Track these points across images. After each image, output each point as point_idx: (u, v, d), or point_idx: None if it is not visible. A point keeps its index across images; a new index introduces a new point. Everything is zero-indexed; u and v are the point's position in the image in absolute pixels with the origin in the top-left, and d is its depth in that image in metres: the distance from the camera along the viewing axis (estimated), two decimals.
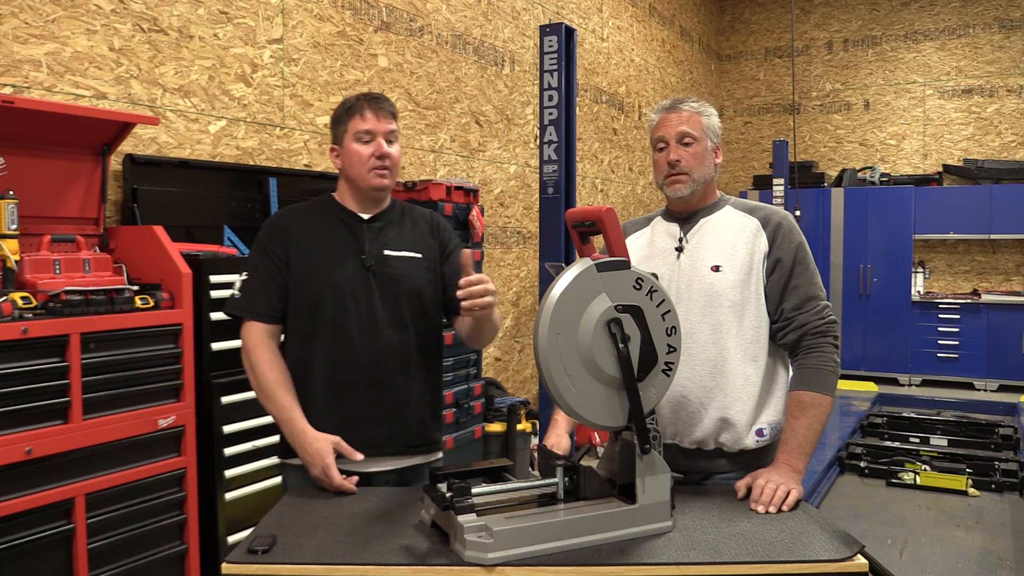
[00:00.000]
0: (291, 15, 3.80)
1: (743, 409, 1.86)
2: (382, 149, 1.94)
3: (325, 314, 1.93)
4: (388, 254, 1.98)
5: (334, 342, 1.93)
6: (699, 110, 1.95)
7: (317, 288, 1.94)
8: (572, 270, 1.50)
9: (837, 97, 9.04)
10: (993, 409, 6.70)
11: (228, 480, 2.72)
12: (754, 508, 1.65)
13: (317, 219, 2.01)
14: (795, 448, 1.77)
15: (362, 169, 1.95)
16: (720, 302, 1.87)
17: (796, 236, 1.90)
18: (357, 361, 1.93)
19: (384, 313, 1.94)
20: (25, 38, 2.76)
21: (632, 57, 7.44)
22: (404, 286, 1.97)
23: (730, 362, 1.87)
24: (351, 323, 1.93)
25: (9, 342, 2.11)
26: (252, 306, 1.94)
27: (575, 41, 4.19)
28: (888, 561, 3.77)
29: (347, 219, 2.00)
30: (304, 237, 1.97)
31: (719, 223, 1.94)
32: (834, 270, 8.32)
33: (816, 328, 1.85)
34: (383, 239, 1.99)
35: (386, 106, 1.98)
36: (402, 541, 1.48)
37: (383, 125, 1.95)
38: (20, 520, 2.14)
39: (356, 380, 1.93)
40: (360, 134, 1.95)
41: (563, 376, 1.48)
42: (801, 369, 1.85)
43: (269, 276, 1.95)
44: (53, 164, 2.60)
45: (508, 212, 5.60)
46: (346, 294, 1.93)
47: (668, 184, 1.93)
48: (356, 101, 1.98)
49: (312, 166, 3.93)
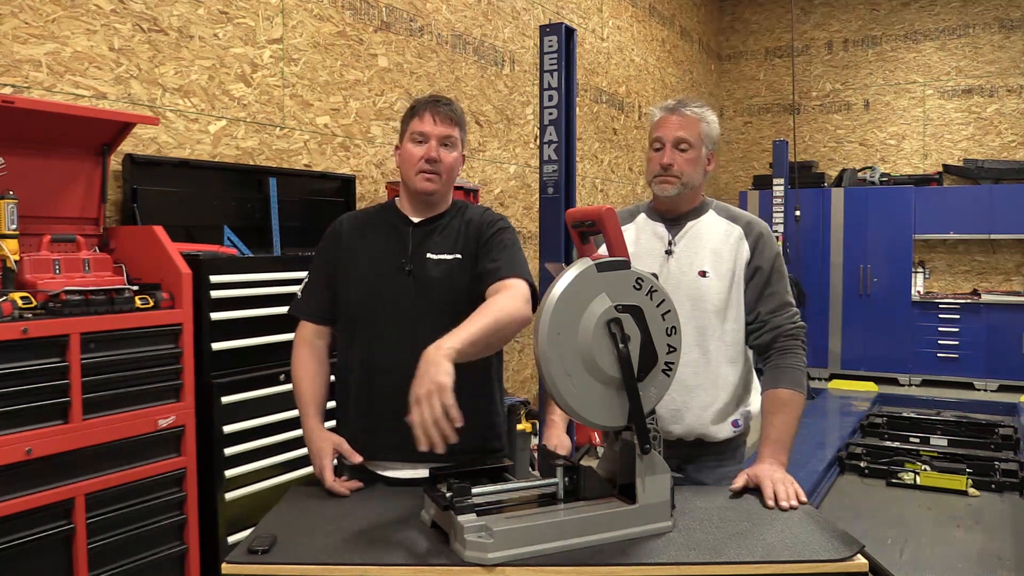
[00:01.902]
0: (291, 15, 3.80)
1: (722, 407, 2.00)
2: (431, 153, 1.92)
3: (361, 317, 1.94)
4: (429, 257, 1.95)
5: (369, 345, 1.93)
6: (700, 116, 2.00)
7: (355, 291, 1.95)
8: (572, 270, 1.50)
9: (837, 97, 9.04)
10: (993, 409, 6.70)
11: (228, 480, 2.72)
12: (776, 507, 1.67)
13: (372, 223, 2.02)
14: (777, 442, 1.87)
15: (411, 170, 1.94)
16: (706, 306, 1.98)
17: (774, 246, 2.05)
18: (392, 365, 1.88)
19: (423, 317, 1.91)
20: (25, 38, 2.76)
21: (632, 57, 7.44)
22: (441, 289, 1.93)
23: (712, 364, 1.99)
24: (387, 327, 1.92)
25: (9, 342, 2.11)
26: (302, 306, 2.02)
27: (575, 41, 4.19)
28: (888, 561, 3.77)
29: (398, 223, 1.99)
30: (354, 240, 1.99)
31: (706, 228, 2.04)
32: (834, 270, 8.32)
33: (788, 331, 1.98)
34: (428, 243, 1.96)
35: (447, 110, 1.95)
36: (402, 541, 1.48)
37: (439, 129, 1.93)
38: (20, 520, 2.14)
39: (390, 384, 1.88)
40: (415, 135, 1.94)
41: (563, 376, 1.48)
42: (776, 369, 1.96)
43: (320, 278, 2.01)
44: (53, 164, 2.60)
45: (508, 212, 5.60)
46: (383, 298, 1.92)
47: (657, 183, 2.01)
48: (421, 102, 1.97)
49: (312, 166, 3.93)
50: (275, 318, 2.85)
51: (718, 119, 2.09)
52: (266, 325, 2.85)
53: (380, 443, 1.88)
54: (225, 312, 2.74)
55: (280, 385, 2.89)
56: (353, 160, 4.20)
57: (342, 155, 4.14)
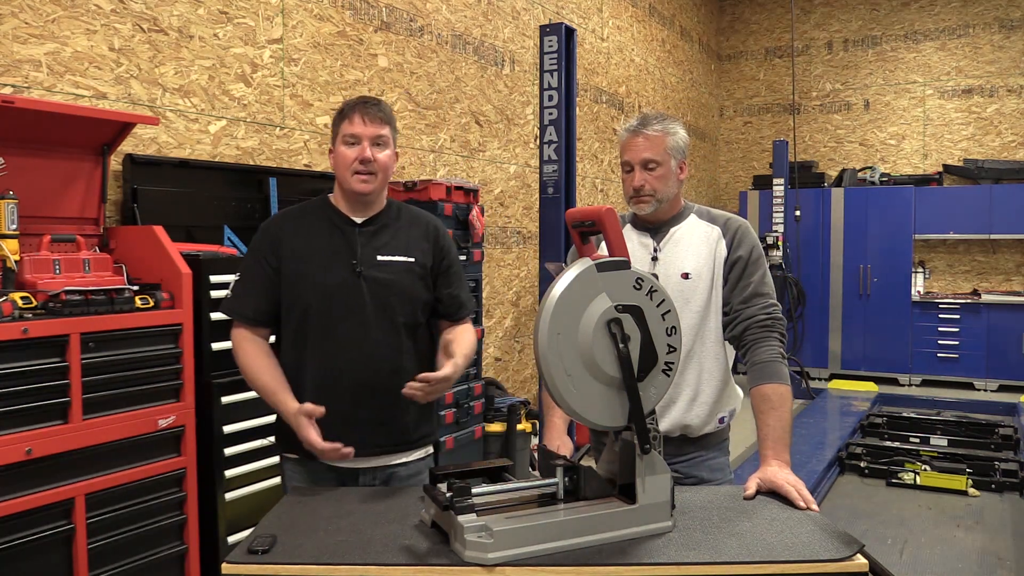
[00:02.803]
0: (291, 15, 3.80)
1: (706, 401, 2.04)
2: (364, 154, 1.94)
3: (314, 320, 1.95)
4: (380, 259, 1.98)
5: (324, 347, 1.95)
6: (664, 131, 2.03)
7: (307, 294, 1.95)
8: (572, 270, 1.50)
9: (837, 97, 9.04)
10: (993, 409, 6.70)
11: (228, 480, 2.72)
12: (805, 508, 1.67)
13: (311, 223, 2.02)
14: (777, 441, 1.87)
15: (346, 172, 1.96)
16: (690, 307, 2.01)
17: (752, 239, 2.07)
18: (347, 366, 1.94)
19: (375, 319, 1.95)
20: (25, 38, 2.76)
21: (632, 57, 7.44)
22: (395, 291, 1.98)
23: (695, 361, 2.03)
24: (341, 329, 1.94)
25: (9, 342, 2.11)
26: (237, 306, 1.99)
27: (575, 41, 4.19)
28: (888, 561, 3.77)
29: (340, 223, 2.01)
30: (296, 242, 1.99)
31: (687, 232, 2.08)
32: (834, 270, 8.32)
33: (761, 321, 1.99)
34: (376, 244, 2.00)
35: (375, 111, 1.97)
36: (402, 541, 1.48)
37: (370, 129, 1.95)
38: (20, 520, 2.14)
39: (346, 385, 1.94)
40: (347, 137, 1.96)
41: (563, 376, 1.48)
42: (754, 366, 1.96)
43: (259, 280, 1.98)
44: (53, 164, 2.60)
45: (508, 212, 5.60)
46: (336, 300, 1.95)
47: (634, 204, 2.07)
48: (348, 105, 1.99)
49: (312, 166, 3.93)
50: None
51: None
52: None
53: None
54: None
55: None
56: None
57: None
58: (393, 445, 2.01)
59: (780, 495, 1.72)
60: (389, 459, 2.01)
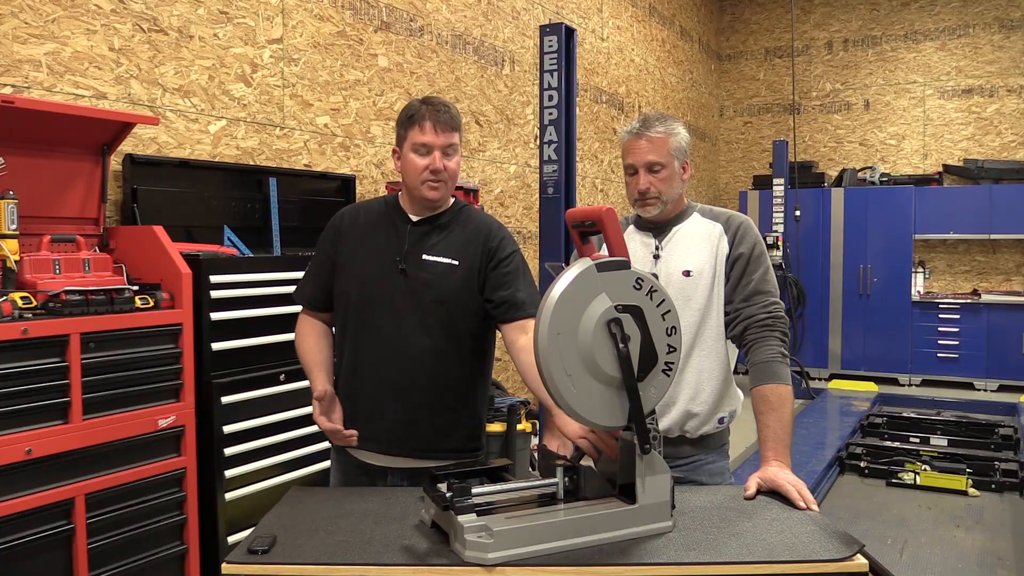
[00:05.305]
0: (291, 15, 3.80)
1: (706, 401, 2.02)
2: (436, 164, 1.93)
3: (354, 310, 1.99)
4: (425, 259, 1.97)
5: (359, 338, 1.98)
6: (667, 132, 2.02)
7: (350, 284, 2.00)
8: (572, 270, 1.50)
9: (837, 97, 9.04)
10: (993, 409, 6.70)
11: (228, 480, 2.72)
12: (805, 508, 1.67)
13: (372, 217, 2.05)
14: (777, 442, 1.85)
15: (416, 180, 1.95)
16: (690, 305, 2.01)
17: (754, 235, 2.05)
18: (376, 360, 1.96)
19: (411, 317, 1.95)
20: (25, 38, 2.76)
21: (632, 57, 7.44)
22: (430, 292, 1.95)
23: (695, 359, 2.02)
24: (376, 322, 1.96)
25: (9, 342, 2.11)
26: (299, 292, 2.12)
27: (575, 41, 4.19)
28: (888, 561, 3.77)
29: (397, 219, 2.02)
30: (354, 233, 2.03)
31: (690, 230, 2.07)
32: (834, 270, 8.32)
33: (761, 321, 1.97)
34: (425, 243, 1.99)
35: (446, 118, 1.94)
36: (402, 541, 1.48)
37: (441, 138, 1.94)
38: (20, 520, 2.14)
39: (374, 377, 1.96)
40: (417, 147, 1.94)
41: (563, 376, 1.48)
42: (755, 366, 1.95)
43: (317, 267, 2.08)
44: (53, 164, 2.60)
45: (508, 212, 5.60)
46: (374, 294, 1.97)
47: (639, 207, 2.06)
48: (418, 110, 1.94)
49: (312, 166, 3.93)
50: (275, 318, 2.85)
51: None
52: (266, 325, 2.85)
53: (361, 432, 1.92)
54: (225, 312, 2.74)
55: (280, 385, 2.89)
56: (353, 160, 4.20)
57: (342, 155, 4.14)
58: (423, 448, 1.96)
59: (780, 495, 1.72)
60: (419, 462, 1.95)
